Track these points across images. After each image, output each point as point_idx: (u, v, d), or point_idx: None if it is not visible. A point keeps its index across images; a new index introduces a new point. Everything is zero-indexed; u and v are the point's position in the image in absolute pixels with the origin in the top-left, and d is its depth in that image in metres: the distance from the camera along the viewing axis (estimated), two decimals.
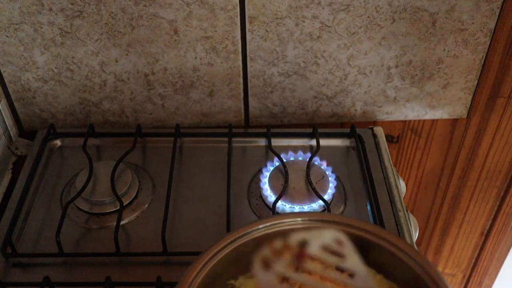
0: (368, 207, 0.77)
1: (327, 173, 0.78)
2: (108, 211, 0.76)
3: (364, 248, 0.56)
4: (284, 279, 0.54)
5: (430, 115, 0.94)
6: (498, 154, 1.01)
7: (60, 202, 0.78)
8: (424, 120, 0.95)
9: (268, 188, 0.76)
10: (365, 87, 0.89)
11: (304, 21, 0.80)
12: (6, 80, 0.86)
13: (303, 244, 0.53)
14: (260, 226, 0.57)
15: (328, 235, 0.54)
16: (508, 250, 1.20)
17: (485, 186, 1.08)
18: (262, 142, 0.87)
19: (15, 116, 0.90)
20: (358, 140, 0.86)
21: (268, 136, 0.84)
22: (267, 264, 0.55)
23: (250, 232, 0.56)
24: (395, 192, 0.79)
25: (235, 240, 0.55)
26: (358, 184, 0.81)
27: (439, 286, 0.51)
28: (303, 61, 0.85)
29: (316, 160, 0.80)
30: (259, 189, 0.78)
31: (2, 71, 0.84)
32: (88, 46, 0.82)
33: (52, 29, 0.80)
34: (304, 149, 0.83)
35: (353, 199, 0.79)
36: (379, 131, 0.89)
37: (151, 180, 0.81)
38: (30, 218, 0.76)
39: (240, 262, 0.56)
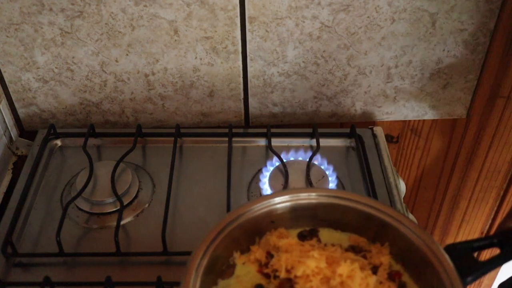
0: None
1: (327, 173, 0.78)
2: (108, 211, 0.76)
3: (372, 225, 0.58)
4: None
5: (430, 115, 0.94)
6: (498, 154, 1.01)
7: (61, 202, 0.78)
8: (424, 120, 0.95)
9: (268, 188, 0.76)
10: (365, 87, 0.89)
11: (304, 21, 0.80)
12: (6, 80, 0.86)
13: None
14: (277, 199, 0.59)
15: None
16: None
17: (485, 186, 1.08)
18: (262, 142, 0.87)
19: (15, 116, 0.90)
20: (358, 140, 0.86)
21: (268, 136, 0.84)
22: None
23: (269, 203, 0.60)
24: (395, 192, 0.80)
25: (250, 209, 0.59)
26: (358, 184, 0.81)
27: (444, 265, 0.52)
28: (303, 61, 0.85)
29: (316, 160, 0.80)
30: (259, 189, 0.78)
31: (2, 71, 0.84)
32: (88, 46, 0.82)
33: (52, 29, 0.80)
34: (304, 149, 0.83)
35: None
36: (379, 131, 0.89)
37: (151, 180, 0.81)
38: (31, 218, 0.76)
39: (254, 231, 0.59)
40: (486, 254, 1.19)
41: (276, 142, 0.85)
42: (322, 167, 0.79)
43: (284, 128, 0.92)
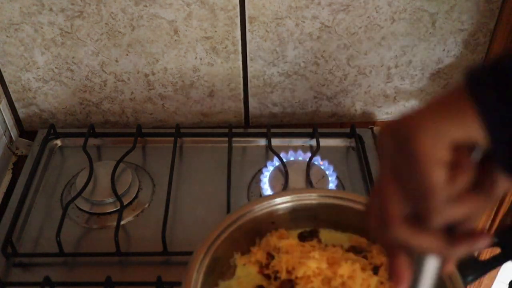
0: None
1: (327, 172, 0.78)
2: (108, 211, 0.76)
3: None
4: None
5: None
6: None
7: (61, 202, 0.78)
8: None
9: (268, 188, 0.76)
10: (365, 87, 0.89)
11: (304, 21, 0.80)
12: (6, 80, 0.86)
13: None
14: (278, 200, 0.60)
15: None
16: None
17: None
18: (262, 142, 0.87)
19: (15, 116, 0.90)
20: (358, 140, 0.86)
21: (268, 136, 0.84)
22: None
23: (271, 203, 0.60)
24: None
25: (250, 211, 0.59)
26: (358, 184, 0.81)
27: None
28: (303, 61, 0.85)
29: (316, 160, 0.80)
30: (259, 189, 0.78)
31: (2, 71, 0.84)
32: (88, 46, 0.82)
33: (52, 29, 0.80)
34: (304, 149, 0.83)
35: None
36: (379, 131, 0.89)
37: (151, 180, 0.81)
38: (31, 218, 0.76)
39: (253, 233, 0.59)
40: (487, 254, 1.19)
41: (276, 142, 0.85)
42: (322, 167, 0.79)
43: (284, 128, 0.92)
